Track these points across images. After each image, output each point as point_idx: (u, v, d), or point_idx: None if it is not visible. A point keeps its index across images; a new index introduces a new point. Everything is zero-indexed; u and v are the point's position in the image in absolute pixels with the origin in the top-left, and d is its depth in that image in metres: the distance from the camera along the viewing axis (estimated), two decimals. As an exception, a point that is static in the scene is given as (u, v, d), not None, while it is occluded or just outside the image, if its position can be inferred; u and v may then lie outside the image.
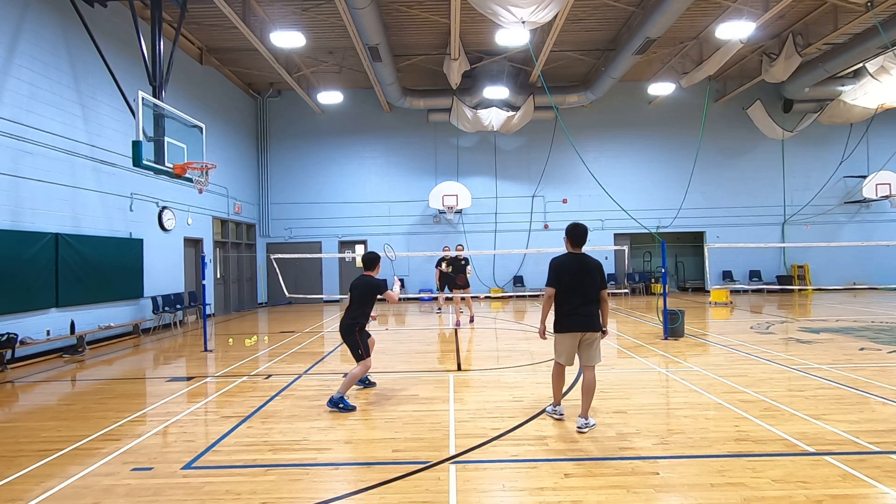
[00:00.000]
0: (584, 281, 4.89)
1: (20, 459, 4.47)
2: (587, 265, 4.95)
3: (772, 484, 3.64)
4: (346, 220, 20.48)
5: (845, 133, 20.12)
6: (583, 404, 4.90)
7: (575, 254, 5.03)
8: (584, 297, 4.87)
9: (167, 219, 13.69)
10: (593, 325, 4.88)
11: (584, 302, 4.87)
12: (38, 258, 9.43)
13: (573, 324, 4.89)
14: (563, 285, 4.92)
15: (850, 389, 5.99)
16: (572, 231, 5.04)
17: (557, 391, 5.20)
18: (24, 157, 9.37)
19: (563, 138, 19.12)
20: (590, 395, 4.89)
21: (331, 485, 3.85)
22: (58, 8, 10.28)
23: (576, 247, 5.05)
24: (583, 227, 5.04)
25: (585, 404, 4.89)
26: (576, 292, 4.88)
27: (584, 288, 4.88)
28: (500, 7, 11.42)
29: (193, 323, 14.31)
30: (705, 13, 14.69)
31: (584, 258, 5.00)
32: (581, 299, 4.87)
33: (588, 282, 4.89)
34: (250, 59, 16.82)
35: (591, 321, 4.88)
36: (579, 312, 4.86)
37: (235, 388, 6.84)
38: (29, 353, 9.22)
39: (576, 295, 4.88)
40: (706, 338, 9.87)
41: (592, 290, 4.89)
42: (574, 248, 5.05)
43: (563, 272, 4.94)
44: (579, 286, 4.88)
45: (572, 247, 5.06)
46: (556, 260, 5.04)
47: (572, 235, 5.04)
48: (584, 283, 4.89)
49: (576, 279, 4.89)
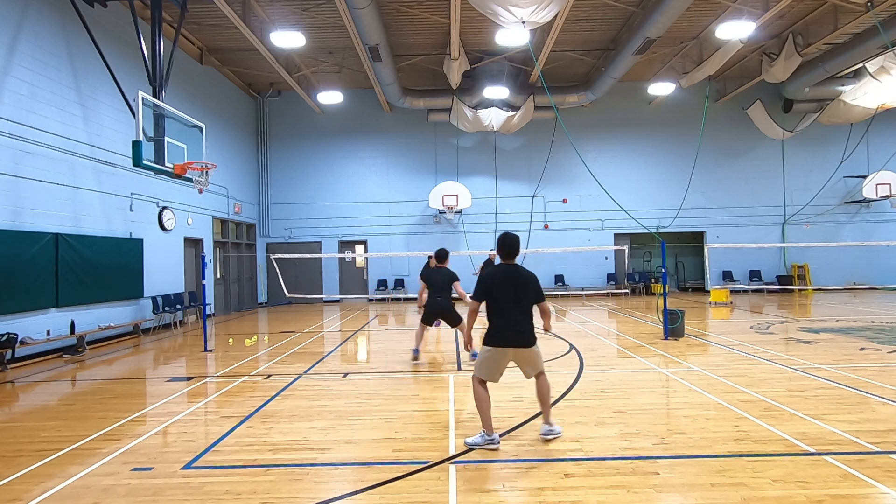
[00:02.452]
0: (516, 294, 4.59)
1: (20, 459, 4.47)
2: (520, 278, 4.65)
3: (772, 484, 3.64)
4: (346, 220, 20.48)
5: (845, 133, 20.11)
6: (543, 412, 4.72)
7: (507, 265, 4.74)
8: (517, 311, 4.57)
9: (167, 219, 13.69)
10: (526, 341, 4.57)
11: (516, 317, 4.56)
12: (38, 258, 9.43)
13: (505, 340, 4.56)
14: (494, 299, 4.62)
15: (850, 389, 5.98)
16: (502, 242, 4.75)
17: (485, 414, 4.53)
18: (24, 157, 9.37)
19: (563, 138, 19.12)
20: (546, 401, 4.69)
21: (331, 485, 3.85)
22: (58, 8, 10.28)
23: (507, 258, 4.77)
24: (513, 238, 4.75)
25: (545, 411, 4.71)
26: (508, 306, 4.57)
27: (516, 302, 4.58)
28: (500, 7, 11.41)
29: (193, 323, 14.31)
30: (705, 13, 14.69)
31: (516, 270, 4.70)
32: (513, 314, 4.56)
33: (521, 295, 4.59)
34: (250, 59, 16.82)
35: (523, 337, 4.57)
36: (511, 328, 4.54)
37: (235, 388, 6.84)
38: (29, 353, 9.22)
39: (507, 309, 4.57)
40: (706, 338, 9.87)
41: (526, 304, 4.61)
42: (505, 259, 4.78)
43: (494, 285, 4.65)
44: (511, 300, 4.57)
45: (503, 258, 4.78)
46: (488, 271, 4.76)
47: (502, 246, 4.76)
48: (516, 297, 4.58)
49: (508, 292, 4.58)
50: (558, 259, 20.06)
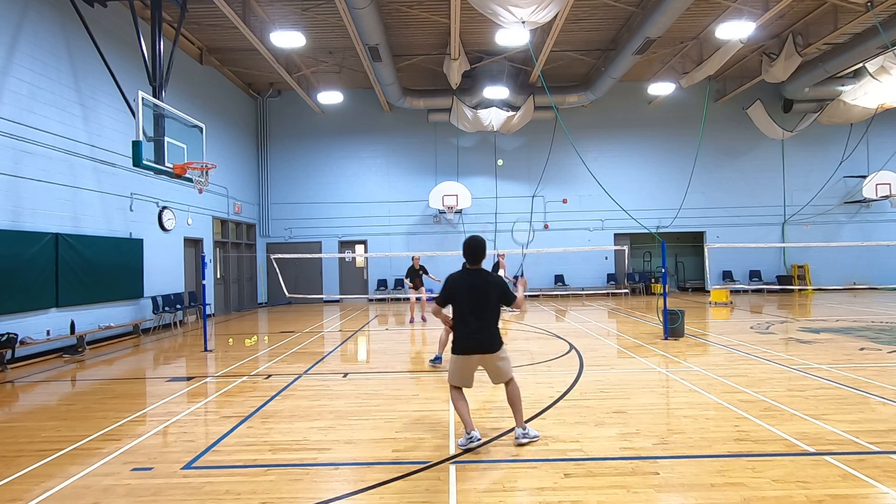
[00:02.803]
0: (479, 301, 4.53)
1: (20, 459, 4.47)
2: (485, 283, 4.59)
3: (772, 484, 3.64)
4: (346, 220, 20.49)
5: (845, 133, 20.11)
6: (515, 417, 4.62)
7: (472, 270, 4.65)
8: (480, 317, 4.52)
9: (167, 219, 13.69)
10: (491, 347, 4.53)
11: (480, 323, 4.52)
12: (38, 258, 9.43)
13: (470, 347, 4.53)
14: (458, 305, 4.58)
15: (850, 389, 5.98)
16: (466, 246, 4.64)
17: (465, 416, 4.54)
18: (24, 157, 9.37)
19: (563, 138, 19.11)
20: (517, 406, 4.61)
21: (331, 485, 3.85)
22: (58, 8, 10.27)
23: (472, 263, 4.66)
24: (479, 241, 4.64)
25: (517, 416, 4.61)
26: (472, 313, 4.52)
27: (480, 308, 4.53)
28: (500, 7, 11.41)
29: (193, 323, 14.31)
30: (705, 13, 14.69)
31: (481, 275, 4.63)
32: (477, 320, 4.52)
33: (484, 302, 4.53)
34: (250, 59, 16.82)
35: (488, 343, 4.52)
36: (476, 335, 4.51)
37: (235, 388, 6.84)
38: (29, 353, 9.22)
39: (472, 315, 4.52)
40: (706, 338, 9.87)
41: (490, 311, 4.56)
42: (471, 264, 4.67)
43: (458, 290, 4.58)
44: (476, 306, 4.53)
45: (469, 263, 4.67)
46: (451, 277, 4.70)
47: (466, 250, 4.63)
48: (479, 303, 4.53)
49: (472, 298, 4.54)
50: (558, 259, 20.06)
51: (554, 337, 10.36)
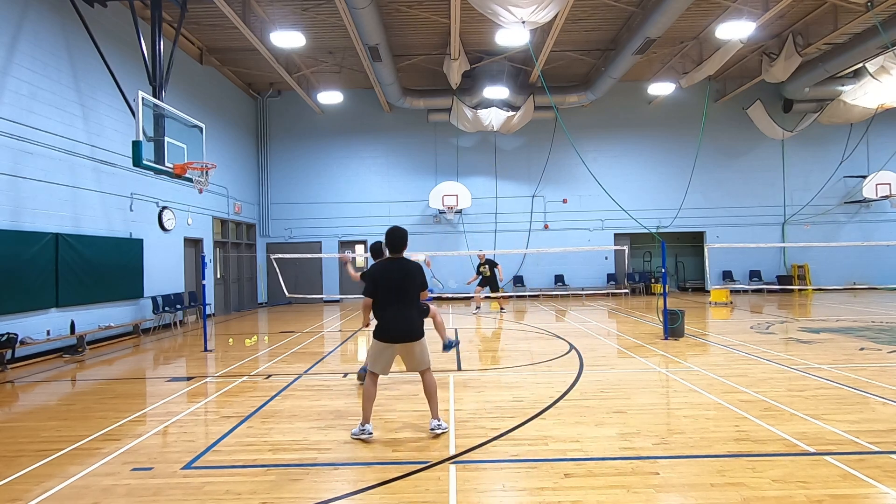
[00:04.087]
0: (401, 288, 4.76)
1: (20, 459, 4.47)
2: (406, 271, 4.80)
3: (772, 484, 3.64)
4: (346, 220, 20.48)
5: (845, 133, 20.11)
6: (430, 407, 4.88)
7: (393, 259, 4.89)
8: (402, 305, 4.76)
9: (167, 219, 13.69)
10: (412, 334, 4.77)
11: (402, 309, 4.76)
12: (38, 258, 9.43)
13: (393, 334, 4.75)
14: (382, 293, 4.77)
15: (850, 389, 5.98)
16: (388, 236, 4.90)
17: (367, 407, 4.75)
18: (24, 157, 9.37)
19: (563, 138, 19.12)
20: (433, 397, 4.85)
21: (331, 485, 3.85)
22: (58, 8, 10.27)
23: (393, 252, 4.91)
24: (399, 231, 4.90)
25: (433, 407, 4.86)
26: (394, 300, 4.75)
27: (402, 296, 4.77)
28: (500, 7, 11.41)
29: (193, 323, 14.31)
30: (705, 13, 14.69)
31: (403, 263, 4.84)
32: (398, 308, 4.75)
33: (406, 288, 4.77)
34: (250, 59, 16.81)
35: (409, 330, 4.76)
36: (398, 322, 4.74)
37: (235, 388, 6.84)
38: (29, 353, 9.21)
39: (394, 302, 4.75)
40: (706, 338, 9.87)
41: (411, 298, 4.79)
42: (392, 252, 4.92)
43: (381, 279, 4.79)
44: (396, 294, 4.76)
45: (390, 252, 4.93)
46: (374, 266, 4.92)
47: (387, 239, 4.90)
48: (401, 291, 4.76)
49: (394, 286, 4.75)
50: (558, 259, 20.05)
51: (554, 337, 10.36)
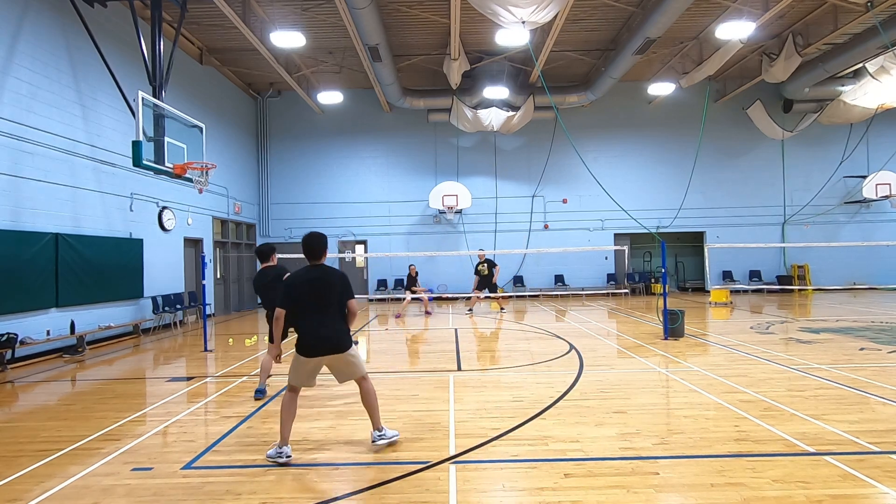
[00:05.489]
0: (321, 299, 4.34)
1: (20, 459, 4.47)
2: (326, 280, 4.37)
3: (772, 484, 3.64)
4: (346, 220, 20.48)
5: (845, 133, 20.11)
6: (371, 418, 4.57)
7: (313, 267, 4.45)
8: (322, 316, 4.34)
9: (167, 219, 13.69)
10: (339, 346, 4.35)
11: (322, 322, 4.33)
12: (38, 258, 9.43)
13: (316, 348, 4.32)
14: (300, 304, 4.35)
15: (850, 389, 5.98)
16: (303, 242, 4.48)
17: (286, 426, 4.30)
18: (24, 157, 9.36)
19: (563, 138, 19.12)
20: (373, 406, 4.54)
21: (331, 485, 3.85)
22: (58, 8, 10.27)
23: (311, 259, 4.47)
24: (315, 237, 4.47)
25: (373, 417, 4.55)
26: (315, 311, 4.33)
27: (323, 307, 4.34)
28: (500, 7, 11.41)
29: (193, 323, 14.31)
30: (705, 13, 14.69)
31: (323, 272, 4.42)
32: (319, 319, 4.33)
33: (327, 300, 4.35)
34: (250, 59, 16.81)
35: (335, 343, 4.35)
36: (321, 335, 4.31)
37: (235, 388, 6.84)
38: (29, 353, 9.21)
39: (312, 315, 4.33)
40: (706, 338, 9.87)
41: (334, 309, 4.38)
42: (310, 260, 4.48)
43: (297, 289, 4.35)
44: (316, 305, 4.34)
45: (308, 260, 4.49)
46: (291, 275, 4.49)
47: (303, 246, 4.48)
48: (322, 302, 4.34)
49: (313, 296, 4.33)
50: (558, 259, 20.05)
51: (554, 337, 10.36)
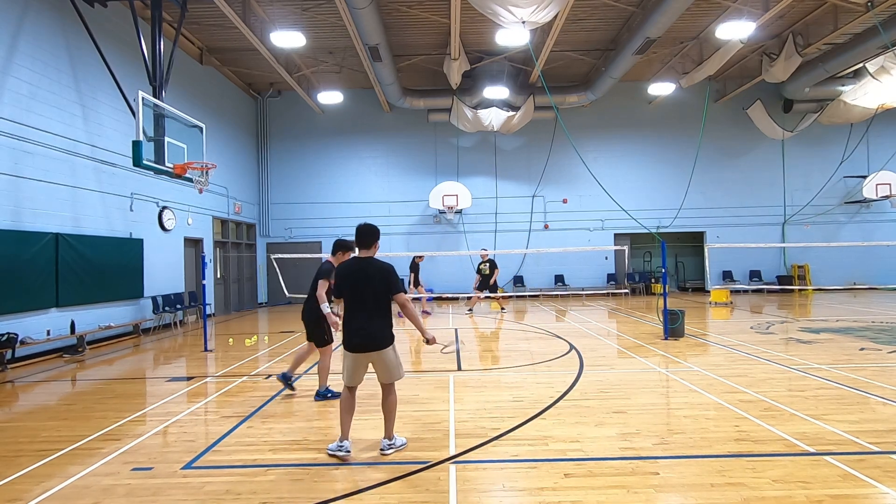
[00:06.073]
0: (362, 292, 4.27)
1: (20, 459, 4.47)
2: (368, 273, 4.27)
3: (772, 484, 3.64)
4: (346, 220, 20.43)
5: (845, 133, 20.11)
6: (385, 424, 4.46)
7: (357, 259, 4.39)
8: (363, 310, 4.27)
9: (167, 219, 13.69)
10: (377, 343, 4.28)
11: (367, 316, 4.27)
12: (38, 258, 9.43)
13: (356, 343, 4.30)
14: (343, 295, 4.30)
15: (850, 389, 5.98)
16: (356, 232, 4.41)
17: (343, 421, 4.35)
18: (24, 157, 9.37)
19: (563, 138, 19.12)
20: (390, 415, 4.43)
21: (331, 485, 3.85)
22: (58, 8, 10.27)
23: (361, 250, 4.41)
24: (362, 227, 4.38)
25: (387, 425, 4.45)
26: (355, 305, 4.29)
27: (362, 300, 4.27)
28: (500, 7, 11.41)
29: (193, 323, 14.31)
30: (705, 13, 14.69)
31: (363, 264, 4.33)
32: (359, 314, 4.28)
33: (367, 293, 4.26)
34: (250, 59, 16.81)
35: (374, 340, 4.28)
36: (361, 330, 4.28)
37: (235, 388, 6.84)
38: (29, 353, 9.21)
39: (354, 309, 4.30)
40: (706, 338, 9.87)
41: (374, 303, 4.27)
42: (360, 251, 4.42)
43: (342, 281, 4.31)
44: (358, 298, 4.28)
45: (359, 249, 4.44)
46: (341, 265, 4.50)
47: (355, 236, 4.42)
48: (362, 295, 4.27)
49: (354, 290, 4.28)
50: (558, 259, 20.05)
51: (554, 337, 10.36)
